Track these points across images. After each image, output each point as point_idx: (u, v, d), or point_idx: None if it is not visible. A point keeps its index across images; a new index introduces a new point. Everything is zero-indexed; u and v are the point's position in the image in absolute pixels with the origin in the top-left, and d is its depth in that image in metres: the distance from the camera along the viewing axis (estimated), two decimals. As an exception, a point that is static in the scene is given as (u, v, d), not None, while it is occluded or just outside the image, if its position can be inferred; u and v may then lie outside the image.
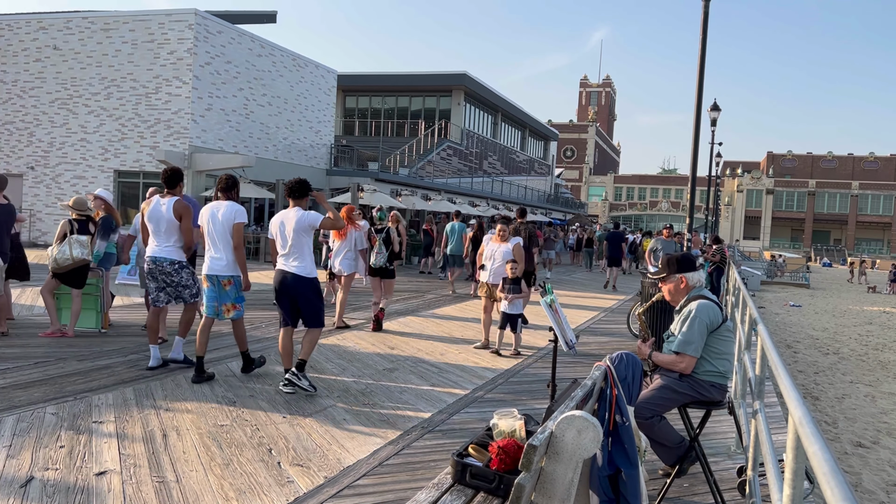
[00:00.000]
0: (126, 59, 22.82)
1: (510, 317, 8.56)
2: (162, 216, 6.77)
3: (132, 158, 22.86)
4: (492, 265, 8.97)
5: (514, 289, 8.55)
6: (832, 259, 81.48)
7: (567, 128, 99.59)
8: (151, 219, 6.83)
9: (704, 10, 13.48)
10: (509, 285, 8.54)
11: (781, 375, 2.66)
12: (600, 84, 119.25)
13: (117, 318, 9.41)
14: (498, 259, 8.89)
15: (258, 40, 25.11)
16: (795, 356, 16.52)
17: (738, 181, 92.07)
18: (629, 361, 3.68)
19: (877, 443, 9.73)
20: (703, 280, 4.60)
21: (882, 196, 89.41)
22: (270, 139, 26.00)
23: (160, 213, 6.78)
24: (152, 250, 6.84)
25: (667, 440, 4.28)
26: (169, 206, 6.77)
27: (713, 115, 27.42)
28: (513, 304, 8.51)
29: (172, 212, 6.74)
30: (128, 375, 6.56)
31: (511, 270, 8.50)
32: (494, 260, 8.94)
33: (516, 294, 8.53)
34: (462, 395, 6.53)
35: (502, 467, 2.87)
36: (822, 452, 1.67)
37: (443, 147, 37.55)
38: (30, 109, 24.11)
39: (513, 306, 8.52)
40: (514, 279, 8.55)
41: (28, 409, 5.36)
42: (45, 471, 4.23)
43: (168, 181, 6.90)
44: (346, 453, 4.81)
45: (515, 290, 8.55)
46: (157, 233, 6.82)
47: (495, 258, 8.94)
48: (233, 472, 4.35)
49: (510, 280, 8.55)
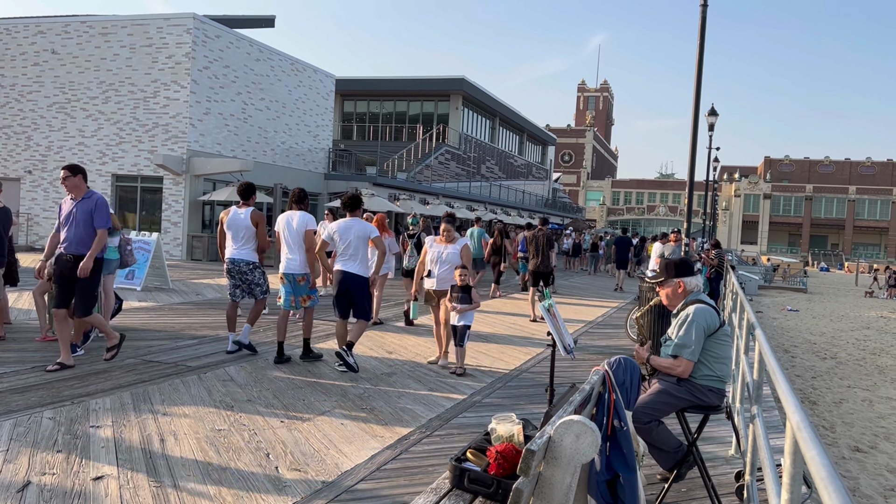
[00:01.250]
0: (124, 63, 22.83)
1: (456, 329, 7.65)
2: (240, 223, 7.84)
3: (130, 163, 22.85)
4: (438, 270, 8.09)
5: (464, 298, 7.61)
6: (829, 264, 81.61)
7: (565, 132, 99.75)
8: (231, 226, 7.89)
9: (702, 16, 13.52)
10: (458, 294, 7.62)
11: (779, 380, 2.66)
12: (598, 89, 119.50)
13: (114, 322, 9.40)
14: (444, 262, 8.04)
15: (256, 45, 25.14)
16: (793, 361, 16.54)
17: (735, 186, 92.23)
18: (627, 366, 3.68)
19: (874, 447, 9.73)
20: (700, 284, 4.61)
21: (879, 201, 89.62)
22: (268, 143, 26.01)
23: (239, 221, 7.85)
24: (231, 252, 7.89)
25: (665, 445, 4.28)
26: (246, 214, 7.84)
27: (711, 119, 27.47)
28: (462, 315, 7.60)
29: (250, 220, 7.81)
30: (125, 380, 6.55)
31: (461, 277, 7.61)
32: (440, 264, 8.07)
33: (466, 304, 7.59)
34: (460, 400, 6.53)
35: (500, 472, 2.86)
36: (820, 457, 1.68)
37: (441, 151, 37.58)
38: (28, 113, 24.11)
39: (462, 318, 7.61)
40: (463, 287, 7.64)
41: (25, 414, 5.35)
42: (42, 475, 4.22)
43: (242, 194, 8.02)
44: (344, 458, 4.80)
45: (465, 299, 7.61)
46: (235, 238, 7.89)
47: (441, 262, 8.07)
48: (231, 477, 4.35)
49: (459, 288, 7.63)
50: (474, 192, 39.80)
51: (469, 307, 7.59)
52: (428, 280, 8.19)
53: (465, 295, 7.60)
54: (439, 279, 8.03)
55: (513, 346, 9.52)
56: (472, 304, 7.61)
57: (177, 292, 13.48)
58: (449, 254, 8.02)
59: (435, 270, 8.09)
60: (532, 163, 56.53)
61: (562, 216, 58.81)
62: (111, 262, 8.81)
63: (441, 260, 8.04)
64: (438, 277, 8.05)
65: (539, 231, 12.53)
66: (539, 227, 12.72)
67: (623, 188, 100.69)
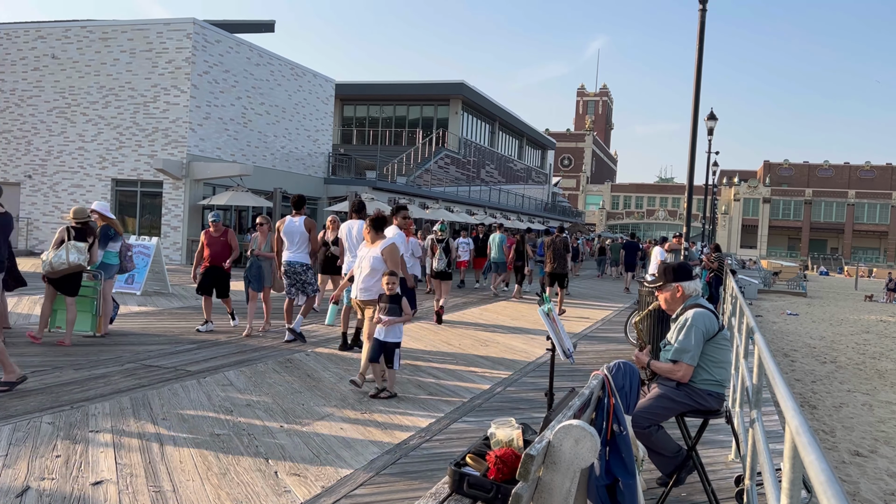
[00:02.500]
0: (124, 67, 22.86)
1: (384, 346, 6.42)
2: (295, 230, 9.01)
3: (130, 167, 22.86)
4: (359, 276, 6.90)
5: (393, 309, 6.42)
6: (829, 268, 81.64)
7: (564, 137, 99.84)
8: (287, 233, 9.04)
9: (701, 20, 13.54)
10: (386, 304, 6.44)
11: (778, 385, 2.66)
12: (597, 93, 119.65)
13: (113, 326, 9.40)
14: (365, 268, 6.85)
15: (256, 49, 25.18)
16: (793, 365, 16.53)
17: (734, 190, 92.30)
18: (626, 370, 3.68)
19: (874, 452, 9.72)
20: (699, 289, 4.61)
21: (878, 205, 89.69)
22: (268, 148, 26.03)
23: (294, 228, 9.03)
24: (287, 256, 9.04)
25: (664, 449, 4.28)
26: (300, 222, 9.03)
27: (710, 124, 27.50)
28: (389, 329, 6.44)
29: (304, 226, 9.01)
30: (124, 384, 6.55)
31: (388, 285, 6.41)
32: (362, 269, 6.88)
33: (395, 317, 6.41)
34: (460, 404, 6.53)
35: (500, 477, 2.86)
36: (819, 462, 1.68)
37: (440, 156, 37.61)
38: (27, 118, 24.13)
39: (388, 332, 6.44)
40: (392, 296, 6.45)
41: (24, 419, 5.34)
42: (42, 480, 4.22)
43: (295, 205, 9.20)
44: (344, 462, 4.80)
45: (394, 311, 6.42)
46: (290, 243, 9.03)
47: (362, 266, 6.89)
48: (230, 482, 4.34)
49: (388, 297, 6.45)
50: (474, 196, 39.81)
51: (396, 320, 6.40)
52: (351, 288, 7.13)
53: (393, 306, 6.42)
54: (362, 288, 6.84)
55: (512, 351, 9.51)
56: (401, 316, 6.44)
57: (176, 297, 13.48)
58: (372, 259, 6.78)
59: (357, 276, 6.93)
60: (531, 167, 56.57)
61: (561, 220, 58.83)
62: (111, 266, 8.82)
63: (362, 266, 6.84)
64: (361, 286, 6.86)
65: (556, 237, 14.06)
66: (556, 233, 14.39)
67: (622, 192, 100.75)
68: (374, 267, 6.77)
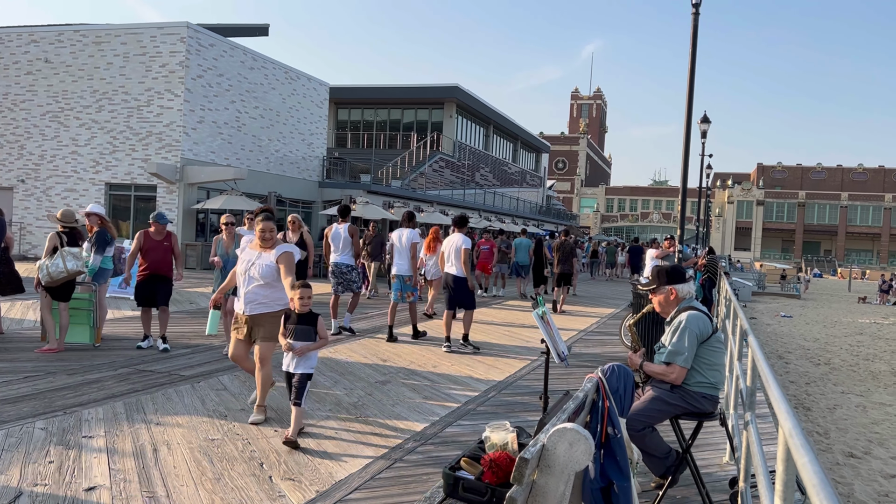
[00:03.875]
0: (118, 72, 22.82)
1: (294, 379, 5.22)
2: (341, 236, 10.21)
3: (123, 171, 22.81)
4: (246, 285, 5.64)
5: (304, 332, 5.20)
6: (822, 270, 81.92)
7: (558, 140, 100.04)
8: (333, 238, 10.25)
9: (693, 24, 13.60)
10: (295, 326, 5.20)
11: (772, 387, 2.67)
12: (591, 96, 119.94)
13: (107, 331, 9.37)
14: (255, 277, 5.59)
15: (250, 53, 25.16)
16: (787, 367, 16.57)
17: (728, 192, 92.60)
18: (621, 373, 3.69)
19: (868, 453, 9.75)
20: (693, 291, 4.62)
21: (871, 207, 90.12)
22: (262, 152, 26.00)
23: (339, 234, 10.23)
24: (334, 258, 10.24)
25: (656, 451, 4.29)
26: (345, 229, 10.21)
27: (703, 126, 27.58)
28: (304, 358, 5.21)
29: (348, 233, 10.18)
30: (118, 389, 6.52)
31: (301, 301, 5.16)
32: (249, 278, 5.63)
33: (307, 343, 5.18)
34: (454, 408, 6.52)
35: (494, 480, 2.86)
36: (812, 464, 1.68)
37: (435, 159, 37.63)
38: (21, 122, 24.05)
39: (301, 362, 5.20)
40: (304, 315, 5.20)
41: (17, 424, 5.32)
42: (34, 486, 4.20)
43: (341, 213, 10.36)
44: (338, 467, 4.79)
45: (305, 334, 5.19)
46: (336, 247, 10.24)
47: (249, 277, 5.63)
48: (224, 487, 4.33)
49: (298, 317, 5.21)
50: (468, 199, 39.84)
51: (311, 346, 5.21)
52: (237, 302, 5.82)
53: (305, 327, 5.19)
54: (248, 299, 5.61)
55: (507, 354, 9.52)
56: (319, 341, 5.27)
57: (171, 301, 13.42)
58: (263, 267, 5.58)
59: (242, 288, 5.68)
60: (526, 170, 56.65)
61: (556, 223, 58.91)
62: (106, 272, 8.79)
63: (249, 275, 5.62)
64: (246, 298, 5.62)
65: (564, 240, 15.19)
66: (563, 237, 15.50)
67: (617, 195, 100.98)
68: (265, 278, 5.58)
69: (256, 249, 5.74)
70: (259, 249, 5.72)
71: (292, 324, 5.24)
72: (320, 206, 28.50)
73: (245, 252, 5.78)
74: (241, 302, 5.69)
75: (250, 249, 5.76)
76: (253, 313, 5.62)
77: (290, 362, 5.26)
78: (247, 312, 5.64)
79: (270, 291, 5.62)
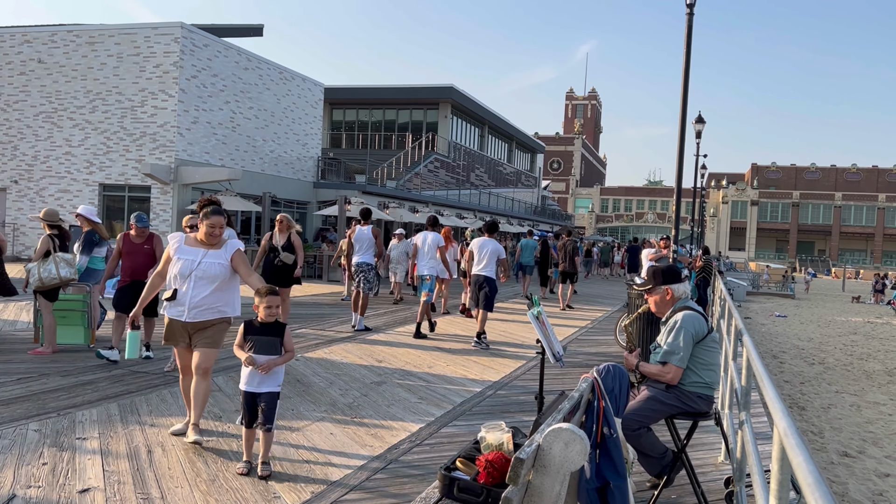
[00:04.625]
0: (111, 72, 22.75)
1: (255, 400, 4.51)
2: (364, 237, 10.95)
3: (117, 172, 22.74)
4: (189, 289, 4.94)
5: (268, 345, 4.52)
6: (817, 269, 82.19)
7: (553, 140, 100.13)
8: (357, 239, 10.98)
9: (688, 23, 13.63)
10: (254, 339, 4.51)
11: (766, 387, 2.67)
12: (586, 97, 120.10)
13: (101, 332, 9.33)
14: (204, 279, 4.95)
15: (245, 54, 25.12)
16: (781, 366, 16.62)
17: (723, 193, 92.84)
18: (616, 373, 3.69)
19: (863, 452, 9.78)
20: (688, 291, 4.63)
21: (865, 207, 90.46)
22: (257, 152, 25.96)
23: (363, 235, 10.95)
24: (357, 258, 10.94)
25: (651, 451, 4.29)
26: (368, 230, 10.98)
27: (698, 127, 27.67)
28: (269, 375, 4.49)
29: (371, 234, 10.95)
30: (112, 391, 6.50)
31: (267, 310, 4.54)
32: (195, 281, 4.94)
33: (272, 357, 4.50)
34: (450, 408, 6.52)
35: (490, 481, 2.86)
36: (807, 463, 1.69)
37: (430, 160, 37.63)
38: (14, 123, 23.96)
39: (267, 380, 4.50)
40: (269, 325, 4.54)
41: (10, 426, 5.29)
42: (28, 488, 4.18)
43: (363, 216, 11.18)
44: (334, 468, 4.78)
45: (270, 346, 4.52)
46: (359, 247, 10.95)
47: (197, 277, 4.94)
48: (219, 488, 4.31)
49: (260, 326, 4.54)
50: (464, 199, 39.85)
51: (279, 360, 4.54)
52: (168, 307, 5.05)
53: (270, 339, 4.52)
54: (193, 305, 4.94)
55: (502, 355, 9.52)
56: (283, 354, 4.58)
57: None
58: (214, 265, 4.97)
59: (183, 287, 4.96)
60: (521, 170, 56.69)
61: (551, 223, 58.98)
62: (97, 272, 8.75)
63: (196, 277, 4.93)
64: (191, 303, 4.95)
65: (567, 241, 16.62)
66: (565, 237, 17.03)
67: (612, 195, 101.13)
68: (211, 276, 4.96)
69: (198, 247, 5.04)
70: (203, 247, 5.04)
71: (254, 334, 4.52)
72: (315, 207, 28.45)
73: (181, 250, 5.01)
74: (179, 307, 4.96)
75: (189, 247, 5.03)
76: (198, 320, 4.98)
77: (250, 380, 4.52)
78: (189, 319, 4.96)
79: (221, 294, 5.01)
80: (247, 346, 4.53)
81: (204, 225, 5.02)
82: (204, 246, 5.04)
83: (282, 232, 9.82)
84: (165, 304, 5.05)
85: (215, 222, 5.01)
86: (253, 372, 4.51)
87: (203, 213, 5.05)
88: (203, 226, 5.03)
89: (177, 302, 4.97)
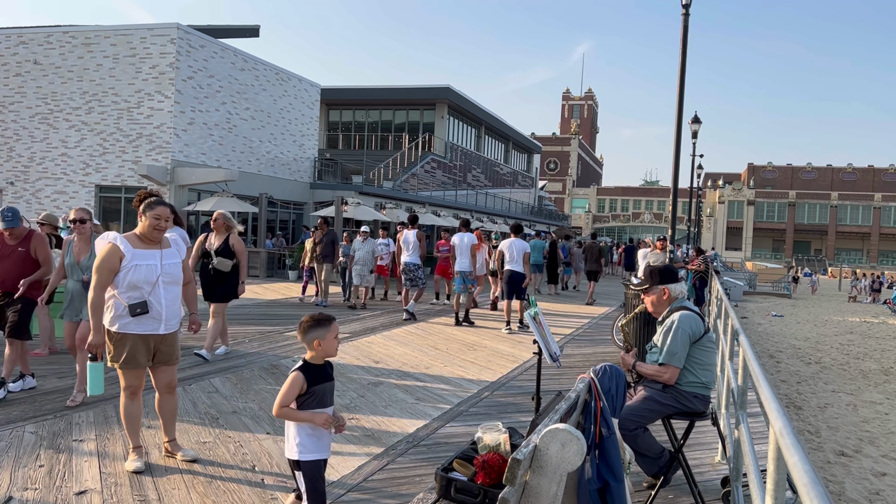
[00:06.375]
0: (107, 73, 22.71)
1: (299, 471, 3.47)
2: (410, 240, 12.78)
3: (114, 173, 22.71)
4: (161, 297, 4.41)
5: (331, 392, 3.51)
6: (813, 269, 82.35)
7: (550, 141, 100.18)
8: (404, 242, 12.81)
9: (684, 24, 13.65)
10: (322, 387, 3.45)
11: (762, 386, 2.68)
12: (582, 97, 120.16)
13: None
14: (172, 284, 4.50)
15: (241, 54, 25.09)
16: (778, 366, 16.65)
17: (719, 192, 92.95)
18: (613, 373, 3.69)
19: (859, 451, 9.81)
20: (685, 291, 4.64)
21: (861, 206, 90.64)
22: (254, 153, 25.93)
23: (409, 238, 12.77)
24: (405, 259, 12.72)
25: (649, 451, 4.30)
26: (414, 234, 12.76)
27: (694, 127, 27.68)
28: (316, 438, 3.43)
29: (416, 237, 12.73)
30: (109, 393, 6.48)
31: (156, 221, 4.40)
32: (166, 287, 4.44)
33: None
34: (447, 409, 6.52)
35: (487, 481, 2.86)
36: (803, 463, 1.69)
37: (427, 160, 37.62)
38: (9, 124, 23.90)
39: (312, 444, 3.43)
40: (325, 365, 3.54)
41: (7, 428, 5.28)
42: (25, 490, 4.17)
43: (411, 221, 13.08)
44: (331, 469, 4.77)
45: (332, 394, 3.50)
46: (406, 249, 12.76)
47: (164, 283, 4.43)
48: (216, 490, 4.31)
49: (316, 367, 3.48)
50: (460, 200, 39.85)
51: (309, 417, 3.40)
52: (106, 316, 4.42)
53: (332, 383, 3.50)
54: (169, 314, 4.49)
55: (499, 355, 9.52)
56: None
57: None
58: (171, 265, 4.49)
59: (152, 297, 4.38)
60: (518, 171, 56.71)
61: (548, 223, 59.02)
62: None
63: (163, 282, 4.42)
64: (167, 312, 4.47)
65: (591, 243, 19.12)
66: (591, 240, 19.60)
67: (608, 195, 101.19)
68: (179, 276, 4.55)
69: (149, 248, 4.43)
70: (153, 247, 4.45)
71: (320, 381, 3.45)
72: (312, 208, 28.43)
73: (136, 255, 4.34)
74: (153, 321, 4.40)
75: (141, 250, 4.38)
76: (171, 331, 4.50)
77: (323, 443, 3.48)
78: (165, 331, 4.46)
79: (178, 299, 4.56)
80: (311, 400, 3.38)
81: (147, 217, 4.39)
82: (152, 245, 4.44)
83: (218, 233, 8.13)
84: (126, 320, 4.34)
85: (161, 213, 4.39)
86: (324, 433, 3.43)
87: (146, 204, 4.43)
88: (146, 219, 4.40)
89: (149, 315, 4.35)
